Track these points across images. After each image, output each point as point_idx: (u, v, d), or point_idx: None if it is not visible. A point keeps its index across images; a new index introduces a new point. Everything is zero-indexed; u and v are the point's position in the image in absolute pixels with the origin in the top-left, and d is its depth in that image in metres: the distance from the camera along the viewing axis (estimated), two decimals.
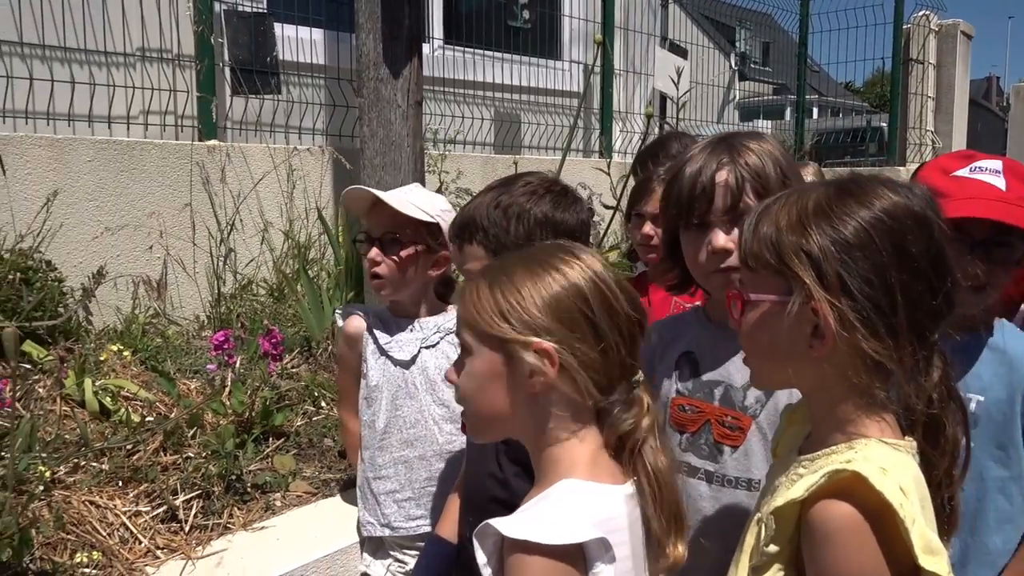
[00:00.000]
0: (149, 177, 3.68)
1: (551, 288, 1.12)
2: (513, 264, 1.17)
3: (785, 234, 1.08)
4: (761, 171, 1.42)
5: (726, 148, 1.46)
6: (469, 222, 1.57)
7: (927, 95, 7.98)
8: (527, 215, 1.51)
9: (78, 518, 2.35)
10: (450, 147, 4.84)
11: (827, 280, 1.04)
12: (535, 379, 1.11)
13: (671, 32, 7.00)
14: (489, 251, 1.53)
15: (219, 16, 4.07)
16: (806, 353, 1.07)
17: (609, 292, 1.14)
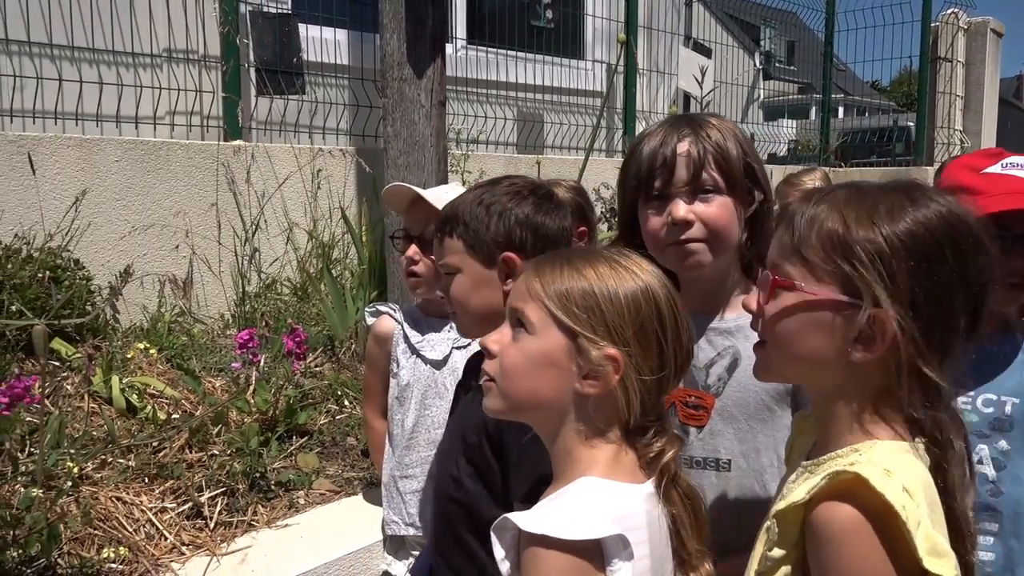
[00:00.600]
0: (175, 177, 3.72)
1: (634, 292, 1.10)
2: (594, 256, 1.14)
3: (855, 232, 1.03)
4: (723, 145, 1.43)
5: (687, 123, 1.48)
6: (452, 216, 1.57)
7: (955, 94, 7.87)
8: (508, 214, 1.52)
9: (105, 514, 2.37)
10: (473, 147, 4.84)
11: (897, 289, 1.01)
12: (591, 381, 1.09)
13: (695, 31, 6.96)
14: (468, 246, 1.53)
15: (244, 17, 4.11)
16: (840, 356, 1.04)
17: (679, 316, 1.13)
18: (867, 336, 1.02)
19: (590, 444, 1.12)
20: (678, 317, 1.13)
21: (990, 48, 7.93)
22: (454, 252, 1.54)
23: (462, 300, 1.53)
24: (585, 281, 1.10)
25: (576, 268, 1.12)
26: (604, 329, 1.08)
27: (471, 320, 1.53)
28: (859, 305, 1.02)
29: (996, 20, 8.04)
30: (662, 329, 1.10)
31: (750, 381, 1.40)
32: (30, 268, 3.01)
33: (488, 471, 1.39)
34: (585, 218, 2.59)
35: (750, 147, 1.49)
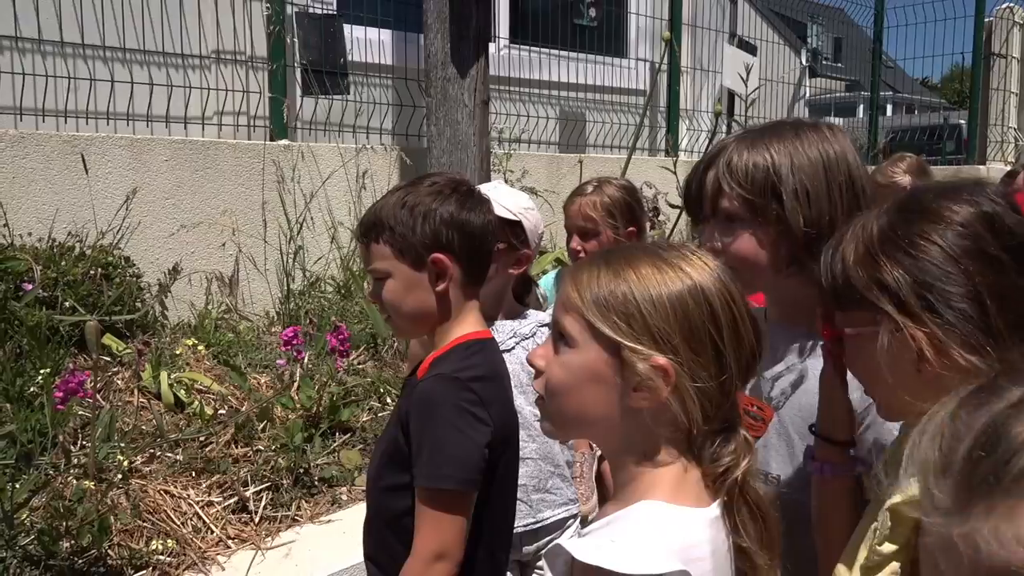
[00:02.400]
0: (223, 176, 3.78)
1: (680, 294, 1.01)
2: (637, 255, 1.05)
3: (855, 269, 1.07)
4: (745, 172, 1.36)
5: (719, 148, 1.42)
6: (376, 221, 1.55)
7: (1010, 91, 7.67)
8: (433, 214, 1.50)
9: (154, 507, 2.42)
10: (515, 146, 4.84)
11: (909, 306, 1.03)
12: (641, 394, 1.00)
13: (740, 28, 6.87)
14: (396, 250, 1.52)
15: (291, 18, 4.16)
16: (918, 377, 1.03)
17: (737, 313, 1.03)
18: (920, 353, 1.03)
19: (650, 463, 1.04)
20: (736, 314, 1.03)
21: None
22: (383, 257, 1.53)
23: (395, 304, 1.52)
24: (625, 285, 1.02)
25: (615, 271, 1.03)
26: (648, 337, 1.00)
27: (405, 323, 1.54)
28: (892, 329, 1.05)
29: None
30: (716, 330, 1.01)
31: (811, 401, 1.37)
32: (83, 265, 3.08)
33: (402, 461, 1.41)
34: (635, 218, 2.57)
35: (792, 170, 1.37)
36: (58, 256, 3.09)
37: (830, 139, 1.39)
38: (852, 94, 14.13)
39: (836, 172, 1.36)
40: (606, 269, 1.04)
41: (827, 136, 1.40)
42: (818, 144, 1.38)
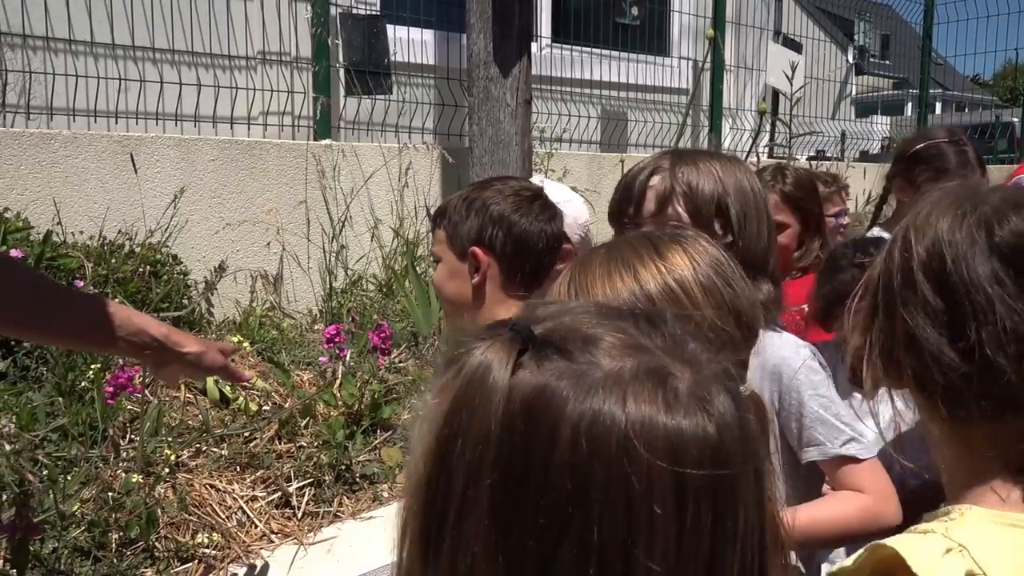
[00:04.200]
0: (267, 175, 3.83)
1: (620, 293, 1.00)
2: (595, 258, 1.06)
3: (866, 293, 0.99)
4: (695, 187, 1.41)
5: (670, 157, 1.47)
6: (443, 208, 1.66)
7: None
8: (484, 210, 1.57)
9: (199, 500, 2.46)
10: (557, 145, 4.83)
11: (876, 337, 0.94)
12: None
13: (785, 26, 6.79)
14: (448, 237, 1.61)
15: (335, 19, 4.20)
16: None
17: (686, 297, 0.99)
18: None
19: None
20: (681, 295, 1.01)
21: None
22: (439, 242, 1.64)
23: (439, 287, 1.65)
24: (574, 288, 1.03)
25: (571, 276, 1.05)
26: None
27: (448, 306, 1.64)
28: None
29: None
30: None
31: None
32: (132, 263, 3.14)
33: None
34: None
35: (739, 199, 1.41)
36: (108, 254, 3.16)
37: (747, 173, 1.45)
38: (900, 92, 13.86)
39: (760, 206, 1.43)
40: (566, 275, 1.06)
41: (747, 169, 1.47)
42: (743, 176, 1.44)
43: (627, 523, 0.52)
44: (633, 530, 0.52)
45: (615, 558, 0.52)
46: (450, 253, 1.59)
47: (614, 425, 0.53)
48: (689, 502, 0.53)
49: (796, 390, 1.41)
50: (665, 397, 0.54)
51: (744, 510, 0.55)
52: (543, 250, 1.61)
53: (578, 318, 0.61)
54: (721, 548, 0.54)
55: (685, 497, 0.53)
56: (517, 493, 0.54)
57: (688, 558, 0.53)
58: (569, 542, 0.52)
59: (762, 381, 1.40)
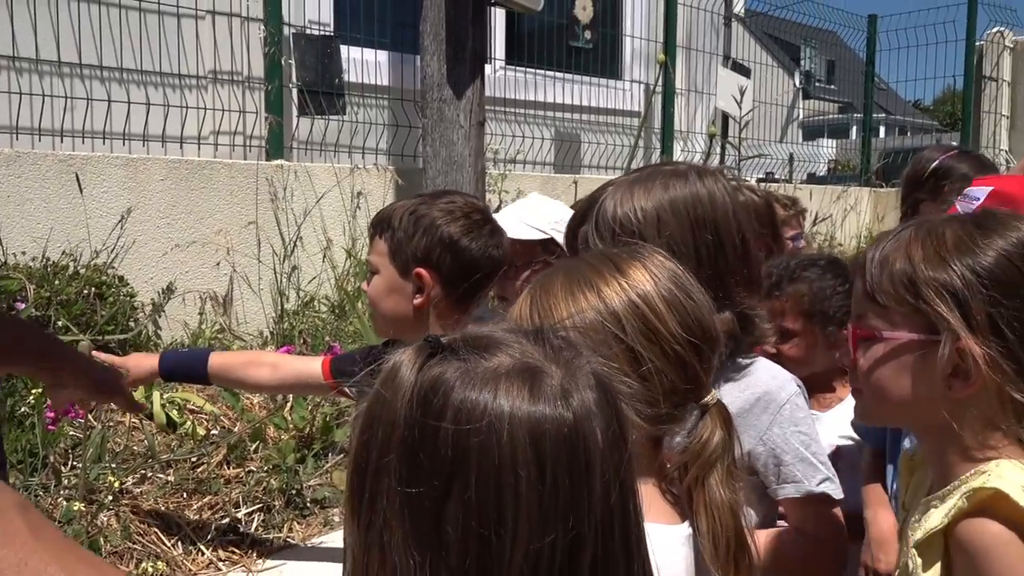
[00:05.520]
0: (218, 195, 3.78)
1: (584, 312, 1.01)
2: (556, 278, 1.06)
3: (923, 270, 1.02)
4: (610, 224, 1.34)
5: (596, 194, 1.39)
6: (386, 217, 1.58)
7: (1001, 113, 7.74)
8: (433, 230, 1.52)
9: (144, 528, 2.40)
10: (510, 167, 4.86)
11: (975, 320, 0.99)
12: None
13: (734, 51, 6.93)
14: (390, 251, 1.55)
15: (288, 39, 4.18)
16: (941, 394, 1.01)
17: (651, 312, 1.01)
18: (962, 370, 1.00)
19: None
20: (646, 311, 1.02)
21: None
22: (378, 253, 1.57)
23: (374, 301, 1.57)
24: (536, 309, 1.03)
25: (532, 296, 1.05)
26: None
27: (381, 322, 1.58)
28: (939, 342, 1.00)
29: None
30: (623, 332, 1.01)
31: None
32: (76, 284, 3.08)
33: None
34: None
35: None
36: (52, 275, 3.09)
37: (699, 186, 1.35)
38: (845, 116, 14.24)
39: (704, 229, 1.33)
40: (527, 296, 1.06)
41: (696, 184, 1.36)
42: (688, 194, 1.34)
43: (497, 486, 0.66)
44: (503, 492, 0.66)
45: (490, 513, 0.66)
46: (391, 267, 1.54)
47: (486, 409, 0.67)
48: (548, 472, 0.67)
49: (780, 425, 1.39)
50: (532, 389, 0.69)
51: (602, 484, 0.69)
52: (487, 274, 1.59)
53: (484, 332, 0.75)
54: (578, 512, 0.68)
55: (544, 468, 0.67)
56: (414, 463, 0.68)
57: (548, 517, 0.66)
58: (453, 501, 0.66)
59: (750, 407, 1.39)
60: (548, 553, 0.66)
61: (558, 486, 0.67)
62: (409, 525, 0.67)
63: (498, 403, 0.67)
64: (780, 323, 1.81)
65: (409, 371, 0.71)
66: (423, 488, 0.67)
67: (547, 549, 0.66)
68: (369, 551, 0.70)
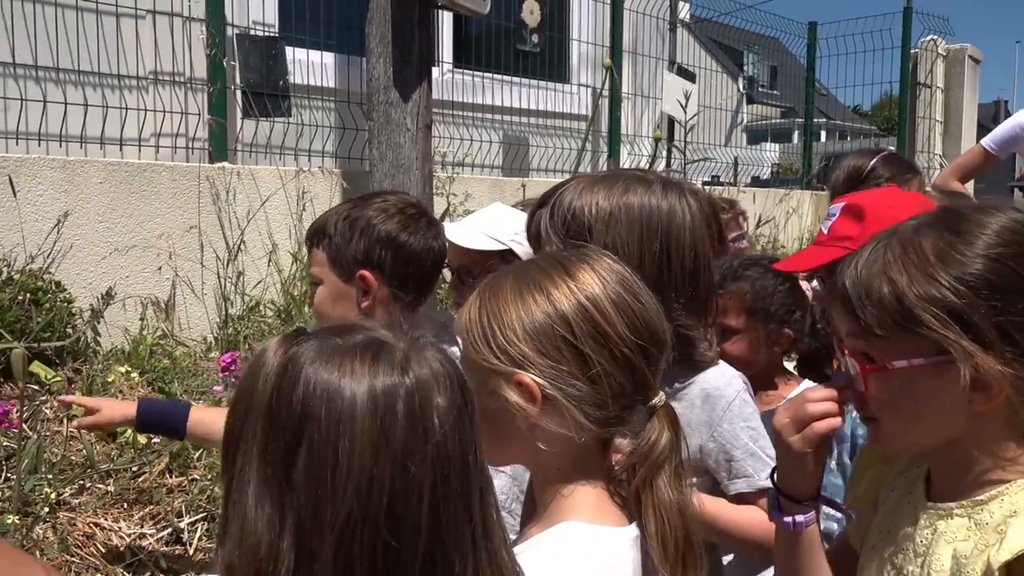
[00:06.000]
0: (159, 199, 3.70)
1: (533, 314, 1.02)
2: (504, 282, 1.07)
3: (912, 292, 0.97)
4: (563, 219, 1.38)
5: (555, 189, 1.44)
6: (320, 227, 1.58)
7: (935, 119, 7.99)
8: (370, 231, 1.52)
9: (82, 541, 2.34)
10: (459, 170, 4.86)
11: (985, 335, 0.95)
12: (520, 415, 1.01)
13: (679, 56, 7.03)
14: (330, 259, 1.54)
15: (231, 40, 4.12)
16: (963, 409, 0.98)
17: (600, 315, 1.02)
18: (982, 384, 0.96)
19: (567, 482, 1.04)
20: (595, 313, 1.03)
21: (968, 74, 8.06)
22: (318, 264, 1.56)
23: (321, 312, 1.56)
24: (486, 311, 1.05)
25: (481, 299, 1.06)
26: (507, 357, 1.01)
27: None
28: (953, 360, 0.95)
29: (974, 47, 8.18)
30: (572, 335, 1.01)
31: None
32: (10, 290, 2.98)
33: None
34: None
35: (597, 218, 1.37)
36: None
37: (660, 199, 1.37)
38: (788, 120, 14.54)
39: (652, 238, 1.35)
40: (475, 299, 1.07)
41: (658, 195, 1.37)
42: (646, 202, 1.36)
43: (335, 441, 0.77)
44: (340, 438, 0.77)
45: (329, 465, 0.76)
46: (333, 275, 1.52)
47: (333, 373, 0.79)
48: (387, 426, 0.78)
49: (729, 421, 1.40)
50: (375, 357, 0.80)
51: (440, 437, 0.79)
52: (430, 268, 1.58)
53: (349, 324, 0.87)
54: (412, 457, 0.78)
55: (384, 422, 0.78)
56: (271, 426, 0.79)
57: (379, 457, 0.77)
58: (300, 456, 0.77)
59: (697, 407, 1.41)
60: (379, 487, 0.76)
61: (393, 439, 0.77)
62: (263, 477, 0.77)
63: (344, 367, 0.79)
64: (723, 321, 1.84)
65: (273, 353, 0.83)
66: (277, 449, 0.77)
67: (377, 483, 0.76)
68: (234, 505, 0.79)
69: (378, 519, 0.76)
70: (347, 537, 0.76)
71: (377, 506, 0.76)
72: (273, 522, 0.76)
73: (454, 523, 0.80)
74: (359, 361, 0.80)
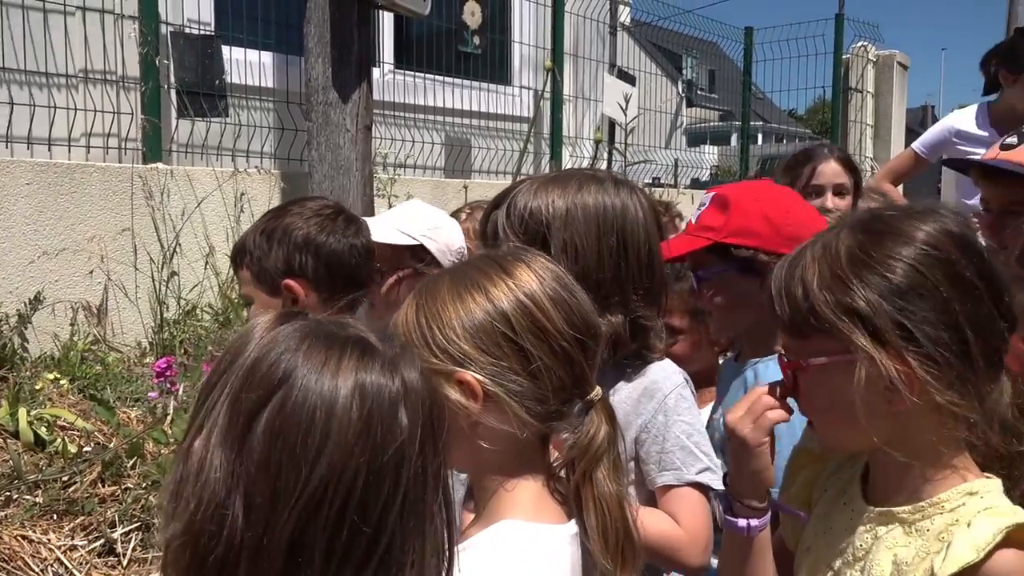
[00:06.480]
0: (90, 200, 3.60)
1: (473, 313, 1.03)
2: (441, 283, 1.08)
3: (819, 294, 1.00)
4: (521, 219, 1.41)
5: (511, 188, 1.47)
6: (240, 247, 1.55)
7: (866, 123, 8.22)
8: (287, 239, 1.49)
9: (9, 554, 2.26)
10: (400, 171, 4.83)
11: (884, 334, 0.97)
12: (462, 413, 1.02)
13: (620, 59, 7.10)
14: (254, 276, 1.52)
15: (165, 38, 4.02)
16: (884, 409, 0.99)
17: (539, 311, 1.04)
18: (895, 384, 0.97)
19: (507, 480, 1.05)
20: (534, 309, 1.05)
21: (897, 80, 8.32)
22: (245, 283, 1.53)
23: None
24: (423, 312, 1.05)
25: (417, 301, 1.07)
26: (447, 356, 1.02)
27: None
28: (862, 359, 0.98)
29: (902, 54, 8.45)
30: (512, 331, 1.03)
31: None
32: None
33: None
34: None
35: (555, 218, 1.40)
36: None
37: (614, 196, 1.41)
38: (726, 123, 14.80)
39: (609, 234, 1.39)
40: (412, 301, 1.08)
41: (611, 193, 1.41)
42: (600, 200, 1.40)
43: (309, 419, 0.78)
44: (314, 425, 0.78)
45: (302, 432, 0.78)
46: (260, 292, 1.49)
47: (322, 358, 0.80)
48: (355, 417, 0.79)
49: (663, 413, 1.42)
50: (363, 355, 0.82)
51: (408, 439, 0.81)
52: (356, 266, 1.55)
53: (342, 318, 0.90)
54: (381, 455, 0.80)
55: (360, 417, 0.79)
56: (248, 378, 0.81)
57: (351, 452, 0.78)
58: (267, 413, 0.78)
59: (634, 399, 1.43)
60: (349, 478, 0.77)
61: (371, 426, 0.79)
62: (225, 427, 0.79)
63: (334, 358, 0.81)
64: (667, 321, 1.86)
65: (266, 324, 0.85)
66: (242, 407, 0.79)
67: (348, 475, 0.77)
68: (194, 454, 0.81)
69: (347, 500, 0.78)
70: (311, 509, 0.77)
71: (347, 488, 0.78)
72: (227, 474, 0.77)
73: (418, 518, 0.82)
74: (351, 353, 0.82)
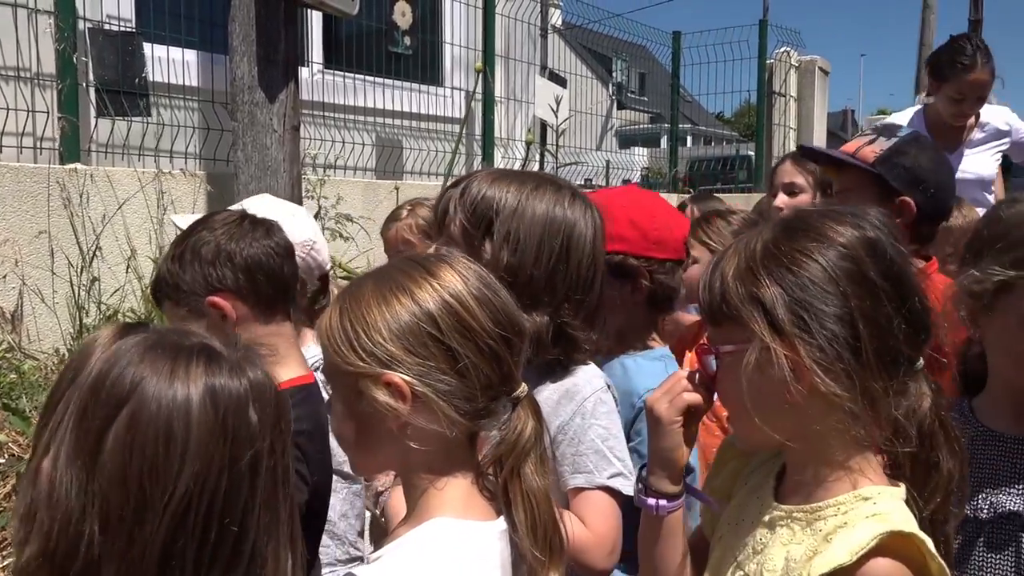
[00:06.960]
0: (3, 202, 3.46)
1: (399, 315, 1.03)
2: (364, 287, 1.08)
3: (734, 283, 1.06)
4: (472, 202, 1.43)
5: (472, 173, 1.50)
6: (160, 279, 1.49)
7: (789, 126, 8.45)
8: (198, 256, 1.43)
9: None
10: (330, 172, 4.77)
11: (780, 324, 1.02)
12: (391, 415, 1.02)
13: (551, 61, 7.16)
14: (182, 306, 1.45)
15: (83, 34, 3.89)
16: (779, 400, 1.03)
17: (464, 310, 1.05)
18: (782, 375, 1.01)
19: (435, 479, 1.06)
20: (459, 308, 1.05)
21: (818, 84, 8.57)
22: (174, 317, 1.46)
23: None
24: (347, 316, 1.05)
25: (341, 306, 1.07)
26: (373, 359, 1.03)
27: None
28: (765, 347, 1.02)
29: (823, 59, 8.71)
30: (438, 331, 1.04)
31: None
32: None
33: None
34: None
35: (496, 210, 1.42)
36: None
37: (568, 206, 1.43)
38: (656, 126, 15.05)
39: (554, 237, 1.41)
40: (335, 306, 1.08)
41: (566, 202, 1.43)
42: (553, 205, 1.42)
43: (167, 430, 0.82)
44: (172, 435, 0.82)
45: (161, 444, 0.82)
46: (189, 320, 1.42)
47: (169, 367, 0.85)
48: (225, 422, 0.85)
49: (581, 416, 1.43)
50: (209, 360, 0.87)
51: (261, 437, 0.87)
52: (279, 265, 1.48)
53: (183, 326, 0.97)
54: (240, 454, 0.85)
55: (220, 413, 0.85)
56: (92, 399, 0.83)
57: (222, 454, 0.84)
58: (116, 428, 0.82)
59: (554, 402, 1.43)
60: (213, 482, 0.83)
61: (226, 429, 0.84)
62: (73, 445, 0.81)
63: (181, 366, 0.85)
64: None
65: (109, 336, 0.88)
66: (95, 411, 0.81)
67: (212, 478, 0.83)
68: (43, 475, 0.82)
69: (213, 503, 0.83)
70: (179, 516, 0.82)
71: (212, 491, 0.83)
72: (80, 492, 0.80)
73: (273, 513, 0.88)
74: (196, 360, 0.86)
